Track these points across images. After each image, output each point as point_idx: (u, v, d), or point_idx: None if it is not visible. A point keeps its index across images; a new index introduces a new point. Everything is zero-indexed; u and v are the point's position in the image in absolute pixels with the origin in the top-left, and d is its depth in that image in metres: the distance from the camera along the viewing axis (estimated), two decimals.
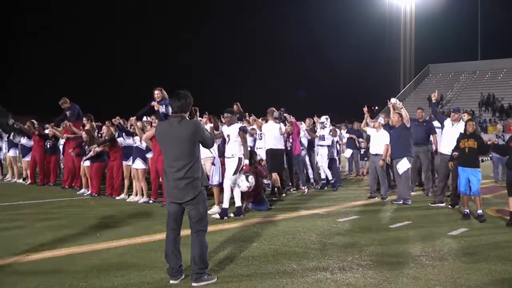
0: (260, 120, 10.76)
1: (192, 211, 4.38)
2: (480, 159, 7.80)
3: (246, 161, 7.62)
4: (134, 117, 9.21)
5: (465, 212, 7.61)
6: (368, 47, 51.70)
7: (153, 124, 8.95)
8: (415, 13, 46.72)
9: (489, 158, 8.01)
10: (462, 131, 8.57)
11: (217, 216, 7.61)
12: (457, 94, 42.23)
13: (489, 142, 7.57)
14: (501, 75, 43.02)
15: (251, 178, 7.65)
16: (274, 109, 10.07)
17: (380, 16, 47.82)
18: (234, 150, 7.60)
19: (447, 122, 8.95)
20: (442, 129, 9.38)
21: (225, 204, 7.71)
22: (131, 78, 47.06)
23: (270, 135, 9.87)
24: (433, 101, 9.58)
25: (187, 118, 4.46)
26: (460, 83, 44.05)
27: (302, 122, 11.73)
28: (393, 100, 9.56)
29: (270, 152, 9.80)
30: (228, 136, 7.69)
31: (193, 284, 4.33)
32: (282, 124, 10.13)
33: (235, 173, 7.57)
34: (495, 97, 37.75)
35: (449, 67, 46.44)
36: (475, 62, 46.40)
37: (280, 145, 9.94)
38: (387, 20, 47.26)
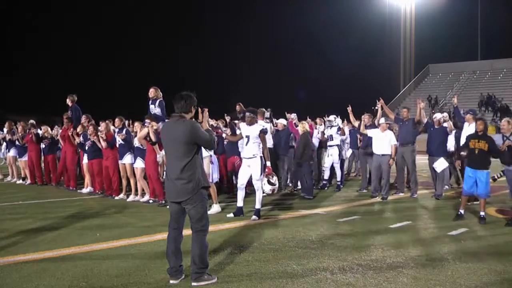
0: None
1: (191, 210, 4.39)
2: (493, 176, 7.78)
3: (268, 163, 7.53)
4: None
5: (459, 213, 7.58)
6: (368, 47, 51.60)
7: (145, 125, 8.93)
8: (415, 13, 46.68)
9: (501, 174, 7.90)
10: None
11: (232, 215, 7.64)
12: (457, 94, 42.09)
13: (502, 149, 7.21)
14: (501, 75, 42.99)
15: (275, 180, 7.58)
16: (264, 110, 10.20)
17: (380, 16, 47.80)
18: (255, 150, 7.53)
19: (465, 124, 9.24)
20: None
21: (240, 203, 7.73)
22: (131, 78, 47.08)
23: None
24: (455, 106, 10.10)
25: (186, 118, 4.46)
26: (460, 83, 44.01)
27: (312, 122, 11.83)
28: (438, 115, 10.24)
29: None
30: (248, 136, 7.57)
31: (193, 283, 4.33)
32: (271, 124, 10.35)
33: (261, 173, 7.48)
34: (496, 97, 37.71)
35: (449, 67, 46.37)
36: (475, 62, 46.31)
37: (270, 144, 10.00)
38: (387, 20, 47.25)
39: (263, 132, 7.60)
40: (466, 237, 6.36)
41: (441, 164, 9.54)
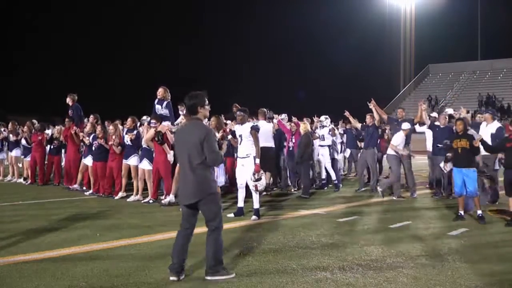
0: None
1: (205, 211, 4.47)
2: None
3: (257, 161, 7.49)
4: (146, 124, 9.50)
5: (459, 214, 7.57)
6: (368, 47, 51.62)
7: (151, 126, 8.96)
8: (415, 13, 46.72)
9: None
10: (494, 132, 8.62)
11: (232, 215, 7.63)
12: (457, 94, 42.22)
13: (475, 144, 7.39)
14: (501, 75, 43.02)
15: (262, 176, 7.56)
16: (265, 110, 10.23)
17: (380, 16, 47.82)
18: (249, 149, 7.50)
19: (483, 124, 9.18)
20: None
21: (240, 203, 7.72)
22: (131, 78, 47.07)
23: (262, 134, 9.90)
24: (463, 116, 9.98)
25: (203, 122, 4.56)
26: (460, 83, 44.04)
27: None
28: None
29: (262, 151, 9.85)
30: (240, 136, 7.58)
31: (207, 277, 4.43)
32: (272, 124, 10.41)
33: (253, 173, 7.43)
34: (496, 97, 37.69)
35: (449, 67, 46.41)
36: (475, 62, 46.35)
37: (271, 144, 9.97)
38: (387, 20, 47.27)
39: (254, 129, 7.56)
40: (466, 237, 6.36)
41: (447, 164, 9.48)
